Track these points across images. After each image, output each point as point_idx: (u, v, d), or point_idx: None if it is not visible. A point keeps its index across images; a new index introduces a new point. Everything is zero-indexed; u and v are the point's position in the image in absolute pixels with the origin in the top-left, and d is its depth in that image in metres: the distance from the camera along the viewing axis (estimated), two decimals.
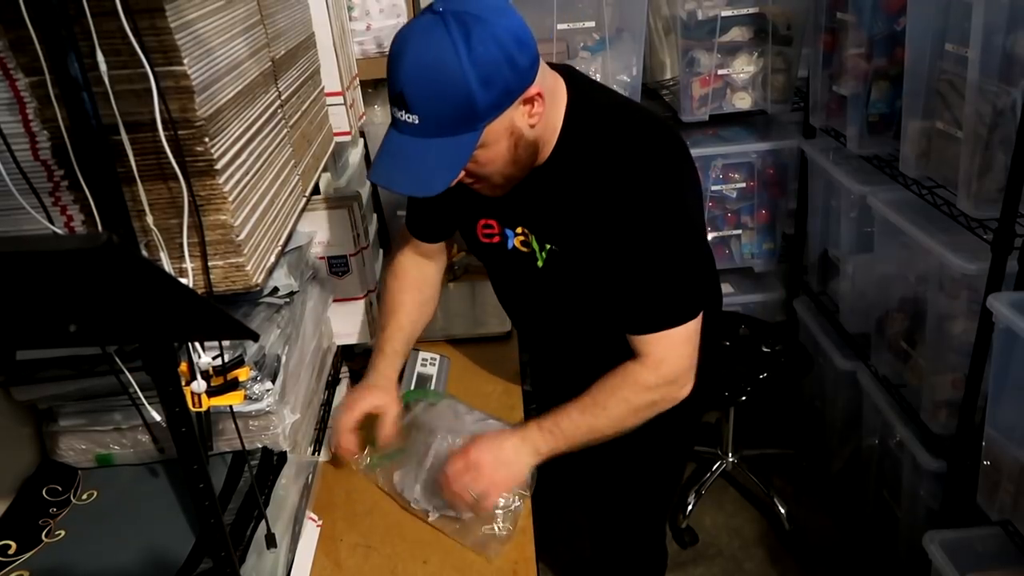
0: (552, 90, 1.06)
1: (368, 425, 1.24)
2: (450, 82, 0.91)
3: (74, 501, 1.05)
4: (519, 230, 1.17)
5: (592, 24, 1.55)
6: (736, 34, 2.20)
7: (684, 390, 1.14)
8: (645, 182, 1.04)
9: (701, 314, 1.13)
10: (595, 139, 1.07)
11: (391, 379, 1.28)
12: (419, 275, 1.35)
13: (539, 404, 1.54)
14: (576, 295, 1.18)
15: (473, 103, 0.93)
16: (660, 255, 1.07)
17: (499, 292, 1.36)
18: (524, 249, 1.17)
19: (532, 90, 0.98)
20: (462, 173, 1.01)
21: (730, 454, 2.34)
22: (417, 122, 0.94)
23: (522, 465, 1.13)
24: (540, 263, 1.16)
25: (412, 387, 1.44)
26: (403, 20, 1.89)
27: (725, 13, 2.16)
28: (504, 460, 1.13)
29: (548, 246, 1.14)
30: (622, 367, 1.13)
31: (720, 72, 2.25)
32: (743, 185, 2.42)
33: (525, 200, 1.13)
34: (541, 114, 1.01)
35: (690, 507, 2.24)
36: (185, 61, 0.79)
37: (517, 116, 0.99)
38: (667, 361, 1.11)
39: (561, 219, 1.11)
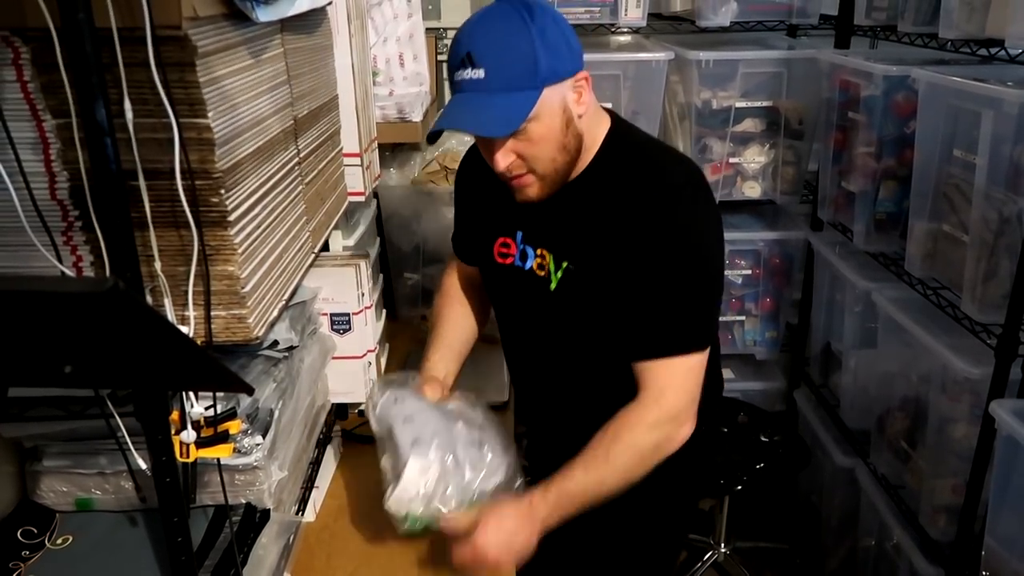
0: (596, 109, 1.16)
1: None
2: (517, 38, 1.02)
3: (48, 545, 1.03)
4: (539, 251, 1.21)
5: (609, 105, 1.61)
6: (749, 125, 2.25)
7: (685, 428, 1.14)
8: (673, 205, 1.10)
9: (706, 352, 1.14)
10: (629, 162, 1.15)
11: (434, 376, 1.30)
12: (462, 292, 1.44)
13: (533, 477, 1.50)
14: (583, 320, 1.19)
15: (536, 59, 1.02)
16: (674, 278, 1.11)
17: (503, 324, 1.38)
18: (540, 273, 1.21)
19: (581, 75, 1.08)
20: (513, 156, 1.08)
21: (723, 544, 2.28)
22: (483, 76, 1.02)
23: (528, 541, 1.11)
24: (553, 285, 1.19)
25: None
26: (425, 89, 1.94)
27: (739, 104, 2.22)
28: (510, 543, 1.10)
29: (564, 264, 1.17)
30: (620, 413, 1.13)
31: (731, 160, 2.29)
32: (748, 272, 2.43)
33: (551, 217, 1.19)
34: (588, 104, 1.11)
35: None
36: (210, 115, 0.81)
37: (569, 96, 1.07)
38: (667, 394, 1.11)
39: (582, 236, 1.16)
